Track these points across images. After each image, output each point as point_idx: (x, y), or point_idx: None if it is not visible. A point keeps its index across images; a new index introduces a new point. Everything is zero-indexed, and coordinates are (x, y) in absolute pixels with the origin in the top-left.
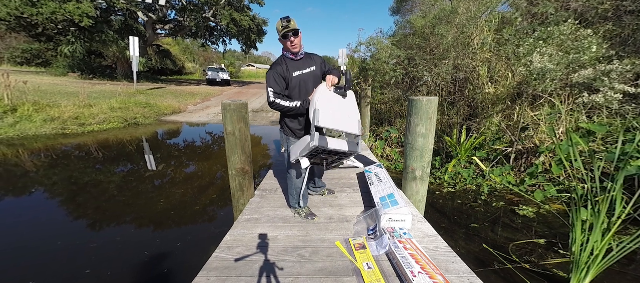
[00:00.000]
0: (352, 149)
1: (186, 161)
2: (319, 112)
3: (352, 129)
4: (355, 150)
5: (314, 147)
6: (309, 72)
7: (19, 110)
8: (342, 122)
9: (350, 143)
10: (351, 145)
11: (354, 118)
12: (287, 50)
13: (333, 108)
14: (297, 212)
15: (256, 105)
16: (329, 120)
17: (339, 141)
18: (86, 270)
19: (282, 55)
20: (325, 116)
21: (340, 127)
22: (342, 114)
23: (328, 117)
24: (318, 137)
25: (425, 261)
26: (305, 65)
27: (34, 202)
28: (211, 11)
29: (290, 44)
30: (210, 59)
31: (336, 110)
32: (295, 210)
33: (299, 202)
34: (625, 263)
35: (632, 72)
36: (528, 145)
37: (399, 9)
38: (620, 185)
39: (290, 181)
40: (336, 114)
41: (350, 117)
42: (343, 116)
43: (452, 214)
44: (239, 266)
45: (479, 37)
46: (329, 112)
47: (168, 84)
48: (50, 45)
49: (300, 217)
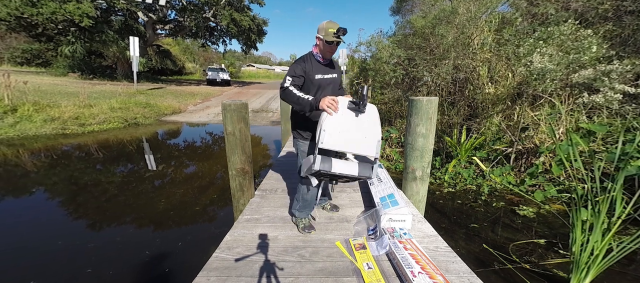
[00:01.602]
0: (363, 174)
1: (186, 161)
2: (325, 133)
3: (367, 151)
4: (368, 174)
5: (315, 170)
6: (329, 78)
7: (19, 110)
8: (355, 143)
9: (362, 166)
10: (363, 169)
11: (372, 138)
12: (321, 52)
13: (345, 127)
14: (296, 221)
15: (256, 105)
16: (338, 142)
17: (348, 163)
18: (87, 269)
19: (310, 54)
20: (333, 137)
21: (352, 149)
22: (357, 133)
23: (337, 137)
24: (320, 160)
25: (425, 261)
26: (328, 71)
27: (34, 202)
28: (211, 11)
29: (330, 50)
30: (210, 59)
31: (348, 130)
32: (295, 219)
33: (301, 212)
34: (625, 263)
35: (632, 72)
36: (528, 145)
37: (399, 9)
38: (620, 185)
39: (299, 191)
40: (348, 133)
41: (366, 137)
42: (357, 136)
43: (452, 214)
44: (239, 266)
45: (479, 37)
46: (338, 131)
47: (168, 84)
48: (50, 45)
49: (298, 227)
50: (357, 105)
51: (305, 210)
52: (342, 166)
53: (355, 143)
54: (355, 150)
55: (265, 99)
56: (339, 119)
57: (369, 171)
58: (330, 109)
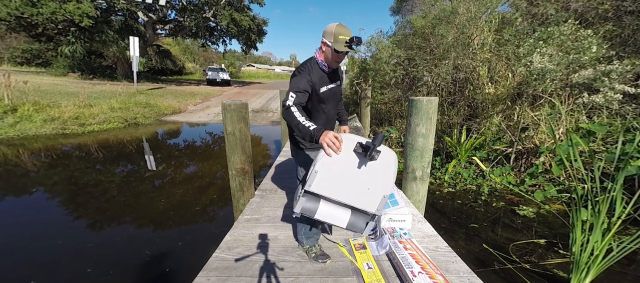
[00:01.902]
0: (354, 227)
1: (186, 161)
2: (316, 174)
3: (367, 205)
4: (360, 229)
5: (295, 215)
6: (333, 88)
7: (19, 110)
8: (353, 193)
9: (355, 218)
10: (355, 221)
11: (376, 190)
12: (326, 60)
13: (343, 172)
14: (305, 249)
15: (256, 105)
16: (331, 188)
17: (338, 210)
18: (87, 269)
19: (314, 61)
20: (326, 182)
21: (347, 200)
22: (358, 181)
23: (330, 183)
24: (302, 203)
25: (425, 261)
26: (332, 79)
27: (34, 202)
28: (211, 11)
29: (337, 59)
30: (210, 59)
31: (348, 176)
32: (303, 247)
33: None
34: (625, 263)
35: (632, 72)
36: (528, 145)
37: (399, 9)
38: (620, 185)
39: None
40: (346, 181)
41: (369, 189)
42: (357, 185)
43: (452, 214)
44: (239, 266)
45: (479, 37)
46: (334, 175)
47: (168, 83)
48: (50, 45)
49: (308, 256)
50: (365, 151)
51: (313, 237)
52: (329, 212)
53: (352, 194)
54: (351, 202)
55: (265, 99)
56: (338, 161)
57: (361, 225)
58: (331, 148)
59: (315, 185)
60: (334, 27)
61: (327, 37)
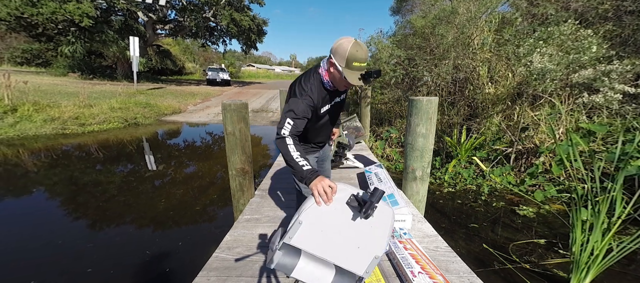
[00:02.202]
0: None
1: (186, 161)
2: (300, 226)
3: (354, 266)
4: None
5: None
6: (338, 102)
7: (19, 110)
8: (339, 251)
9: (338, 279)
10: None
11: (367, 251)
12: (333, 82)
13: (331, 226)
14: None
15: (256, 105)
16: (315, 244)
17: (320, 269)
18: (87, 269)
19: (318, 79)
20: (310, 236)
21: (333, 259)
22: (346, 238)
23: (314, 237)
24: (278, 257)
25: (425, 261)
26: (334, 96)
27: (34, 202)
28: (211, 11)
29: (346, 85)
30: (210, 59)
31: (336, 231)
32: None
33: None
34: (625, 263)
35: (632, 72)
36: (528, 145)
37: (399, 8)
38: (620, 185)
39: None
40: (334, 236)
41: (358, 247)
42: (345, 242)
43: (452, 214)
44: (239, 266)
45: (479, 37)
46: (320, 230)
47: (168, 83)
48: (50, 45)
49: None
50: (361, 206)
51: None
52: (308, 271)
53: (339, 252)
54: (336, 261)
55: (265, 99)
56: (327, 213)
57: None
58: (321, 198)
59: (297, 238)
60: (348, 46)
61: (338, 59)
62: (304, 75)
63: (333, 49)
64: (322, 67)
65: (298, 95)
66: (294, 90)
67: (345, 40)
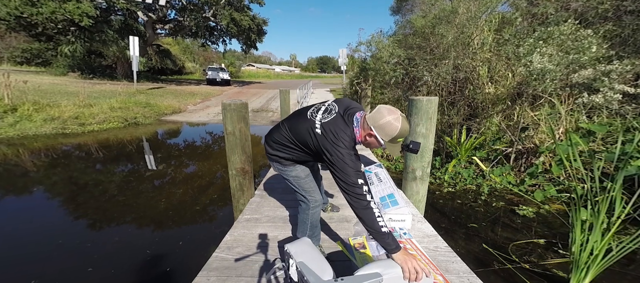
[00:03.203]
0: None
1: (186, 161)
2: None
3: None
4: None
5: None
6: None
7: (18, 110)
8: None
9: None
10: None
11: None
12: (365, 143)
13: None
14: None
15: (256, 105)
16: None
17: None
18: (88, 268)
19: (353, 138)
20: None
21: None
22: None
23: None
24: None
25: (425, 261)
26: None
27: (34, 202)
28: (211, 11)
29: (376, 146)
30: (210, 58)
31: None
32: None
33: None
34: (625, 263)
35: (632, 72)
36: (528, 145)
37: (399, 8)
38: (619, 185)
39: (302, 212)
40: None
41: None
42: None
43: (452, 214)
44: (239, 266)
45: (479, 37)
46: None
47: (168, 83)
48: (50, 44)
49: None
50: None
51: (315, 237)
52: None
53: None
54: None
55: (265, 99)
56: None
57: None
58: (410, 276)
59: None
60: (397, 125)
61: (383, 134)
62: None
63: (376, 122)
64: (355, 126)
65: (351, 157)
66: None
67: (392, 118)
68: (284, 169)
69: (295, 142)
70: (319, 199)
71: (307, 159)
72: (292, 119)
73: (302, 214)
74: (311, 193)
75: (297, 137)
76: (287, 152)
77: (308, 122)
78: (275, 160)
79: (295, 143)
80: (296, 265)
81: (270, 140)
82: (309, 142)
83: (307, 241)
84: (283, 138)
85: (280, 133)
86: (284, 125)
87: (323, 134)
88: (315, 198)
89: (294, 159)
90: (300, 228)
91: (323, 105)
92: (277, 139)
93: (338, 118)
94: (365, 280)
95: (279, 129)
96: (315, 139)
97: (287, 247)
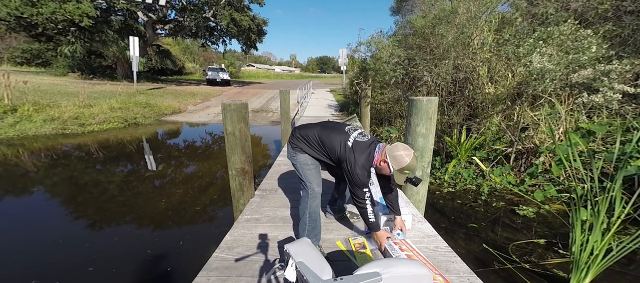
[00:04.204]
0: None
1: (186, 161)
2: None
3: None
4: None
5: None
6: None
7: (18, 110)
8: None
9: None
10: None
11: None
12: (378, 167)
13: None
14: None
15: (256, 105)
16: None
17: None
18: (88, 268)
19: (370, 161)
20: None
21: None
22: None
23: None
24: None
25: (422, 261)
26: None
27: (34, 202)
28: (211, 11)
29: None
30: (210, 58)
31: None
32: None
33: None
34: (625, 263)
35: (632, 72)
36: (528, 145)
37: (399, 8)
38: (619, 185)
39: (302, 201)
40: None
41: None
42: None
43: (452, 214)
44: (239, 266)
45: (479, 37)
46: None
47: (168, 83)
48: (50, 45)
49: None
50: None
51: (315, 237)
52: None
53: None
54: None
55: (265, 99)
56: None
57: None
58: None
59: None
60: (408, 160)
61: (394, 163)
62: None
63: (391, 152)
64: (376, 153)
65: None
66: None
67: (404, 153)
68: (295, 155)
69: (321, 143)
70: (319, 192)
71: (321, 158)
72: (328, 126)
73: (302, 203)
74: (312, 183)
75: (327, 140)
76: (307, 147)
77: (344, 135)
78: (294, 146)
79: (320, 144)
80: (295, 265)
81: (299, 133)
82: (336, 149)
83: (307, 241)
84: (312, 135)
85: (312, 131)
86: (316, 127)
87: (352, 148)
88: (314, 189)
89: (309, 153)
90: (300, 219)
91: (360, 128)
92: (305, 133)
93: (368, 143)
94: (365, 279)
95: (310, 127)
96: (343, 149)
97: (286, 247)
